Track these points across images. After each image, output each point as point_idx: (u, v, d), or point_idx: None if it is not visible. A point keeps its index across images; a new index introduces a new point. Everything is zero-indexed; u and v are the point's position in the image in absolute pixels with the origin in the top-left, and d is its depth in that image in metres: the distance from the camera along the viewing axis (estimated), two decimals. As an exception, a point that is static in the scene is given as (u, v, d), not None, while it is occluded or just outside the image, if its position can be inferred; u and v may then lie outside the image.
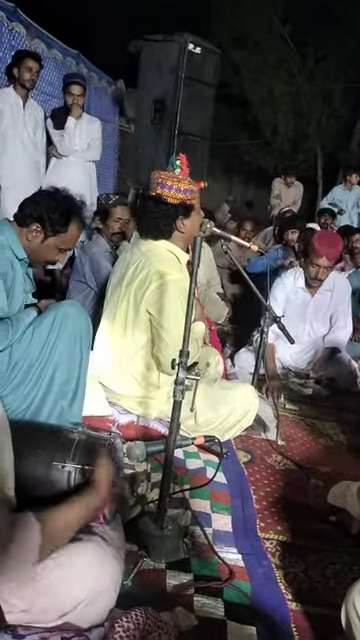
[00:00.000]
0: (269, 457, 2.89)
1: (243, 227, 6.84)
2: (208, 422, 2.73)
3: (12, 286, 2.35)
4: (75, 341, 2.39)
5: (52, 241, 2.39)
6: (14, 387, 2.33)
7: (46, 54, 6.67)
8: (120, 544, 1.72)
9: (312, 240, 3.90)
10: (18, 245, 2.36)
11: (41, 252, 2.41)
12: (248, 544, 2.12)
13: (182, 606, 1.70)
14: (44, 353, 2.35)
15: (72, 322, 2.38)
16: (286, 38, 13.15)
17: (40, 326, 2.37)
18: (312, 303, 4.10)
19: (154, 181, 2.62)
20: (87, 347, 2.46)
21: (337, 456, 3.03)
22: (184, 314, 1.84)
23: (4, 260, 2.31)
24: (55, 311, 2.41)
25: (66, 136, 4.99)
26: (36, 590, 1.40)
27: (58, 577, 1.43)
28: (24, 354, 2.34)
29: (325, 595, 1.90)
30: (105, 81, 8.89)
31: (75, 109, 4.97)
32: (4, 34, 6.06)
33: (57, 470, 1.77)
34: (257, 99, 13.63)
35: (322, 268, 3.85)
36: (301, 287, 4.08)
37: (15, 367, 2.34)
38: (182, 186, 2.58)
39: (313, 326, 4.17)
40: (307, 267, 3.96)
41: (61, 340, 2.36)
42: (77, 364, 2.41)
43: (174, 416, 1.89)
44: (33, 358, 2.35)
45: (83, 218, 2.45)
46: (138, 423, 2.77)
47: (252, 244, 3.09)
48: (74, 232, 2.42)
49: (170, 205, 2.61)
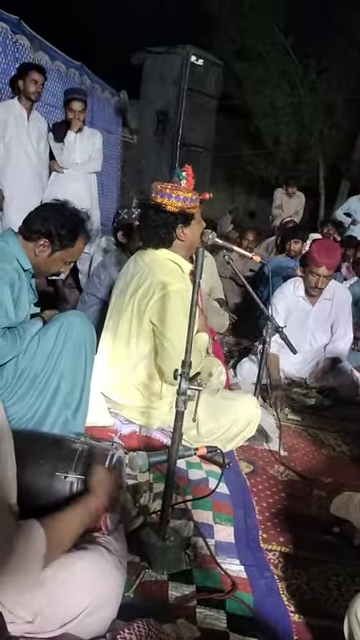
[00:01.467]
0: (271, 468, 2.88)
1: (245, 237, 6.85)
2: (210, 432, 2.72)
3: (19, 296, 2.37)
4: (80, 351, 2.40)
5: (59, 255, 2.43)
6: (19, 397, 2.34)
7: (50, 66, 6.72)
8: (122, 554, 1.71)
9: (310, 250, 3.92)
10: (24, 256, 2.38)
11: (47, 265, 2.45)
12: (250, 555, 2.11)
13: (184, 618, 1.70)
14: (49, 363, 2.36)
15: (77, 332, 2.39)
16: (288, 50, 13.26)
17: (45, 336, 2.38)
18: (313, 312, 4.11)
19: (154, 190, 2.64)
20: (91, 357, 2.47)
21: (340, 467, 3.02)
22: (187, 324, 1.85)
23: (12, 271, 2.33)
24: (60, 321, 2.42)
25: (66, 150, 5.03)
26: (39, 598, 1.40)
27: (60, 585, 1.43)
28: (30, 364, 2.35)
29: (328, 607, 1.89)
30: (108, 92, 8.94)
31: (75, 124, 5.01)
32: (8, 46, 6.12)
33: (59, 480, 1.77)
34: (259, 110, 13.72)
35: (322, 277, 3.86)
36: (301, 296, 4.08)
37: (21, 377, 2.35)
38: (181, 194, 2.60)
39: (314, 335, 4.18)
40: (307, 276, 3.97)
41: (66, 350, 2.37)
42: (82, 374, 2.42)
43: (177, 426, 1.89)
44: (39, 368, 2.36)
45: (88, 231, 2.49)
46: (140, 433, 2.77)
47: (254, 254, 3.09)
48: (80, 246, 2.47)
49: (170, 213, 2.62)
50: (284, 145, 13.95)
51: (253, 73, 13.38)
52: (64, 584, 1.43)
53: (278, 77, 13.52)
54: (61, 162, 5.09)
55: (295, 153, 14.11)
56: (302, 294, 4.08)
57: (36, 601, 1.40)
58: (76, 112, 4.98)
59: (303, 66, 13.28)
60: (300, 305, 4.10)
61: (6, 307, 2.28)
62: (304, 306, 4.10)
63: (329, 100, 13.34)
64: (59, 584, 1.43)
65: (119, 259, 3.69)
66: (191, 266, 2.73)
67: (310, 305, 4.09)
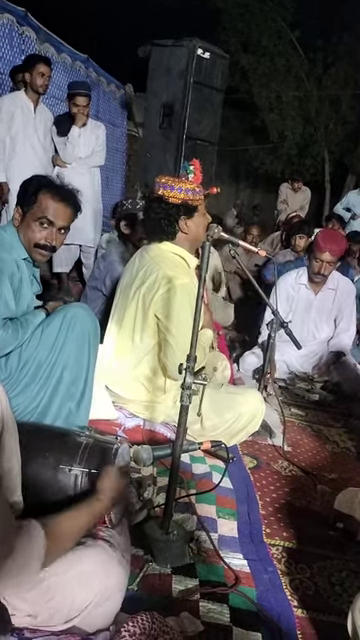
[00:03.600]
0: (275, 463, 2.89)
1: (250, 232, 6.86)
2: (214, 427, 2.72)
3: (19, 287, 2.37)
4: (83, 342, 2.41)
5: (29, 217, 2.36)
6: (23, 387, 2.36)
7: (55, 58, 6.70)
8: (126, 548, 1.72)
9: (316, 237, 3.99)
10: (19, 244, 2.38)
11: (27, 235, 2.37)
12: (254, 550, 2.11)
13: (188, 611, 1.70)
14: (53, 354, 2.38)
15: (81, 323, 2.40)
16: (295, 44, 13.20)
17: (49, 327, 2.40)
18: (316, 302, 4.13)
19: (157, 183, 2.64)
20: (95, 349, 2.47)
21: (344, 463, 3.02)
22: (192, 319, 1.84)
23: (10, 261, 2.33)
24: (64, 312, 2.43)
25: (69, 145, 5.01)
26: (41, 595, 1.40)
27: (64, 582, 1.43)
28: (33, 354, 2.37)
29: (331, 602, 1.89)
30: (114, 85, 8.93)
31: (79, 118, 5.00)
32: (14, 38, 6.10)
33: (64, 473, 1.77)
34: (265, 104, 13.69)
35: (325, 263, 3.93)
36: (304, 284, 4.12)
37: (25, 367, 2.37)
38: (184, 186, 2.59)
39: (317, 326, 4.19)
40: (311, 263, 4.03)
41: (69, 341, 2.38)
42: (85, 366, 2.43)
43: (181, 420, 1.89)
44: (42, 358, 2.37)
45: (57, 188, 2.39)
46: (144, 427, 2.77)
47: (260, 249, 3.08)
48: (46, 202, 2.35)
49: (172, 205, 2.62)
50: (290, 139, 13.91)
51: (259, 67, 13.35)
52: (68, 580, 1.43)
53: (284, 71, 13.48)
54: (64, 157, 5.09)
55: (301, 148, 14.07)
56: (305, 282, 4.11)
57: (38, 597, 1.40)
58: (80, 107, 4.97)
59: (309, 60, 13.24)
60: (302, 293, 4.13)
61: (5, 298, 2.29)
62: (307, 295, 4.13)
63: (335, 94, 13.30)
64: (63, 580, 1.43)
65: (120, 251, 3.71)
66: (197, 261, 2.73)
67: (313, 294, 4.12)
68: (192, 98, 5.10)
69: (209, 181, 4.50)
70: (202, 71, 5.13)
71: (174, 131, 5.13)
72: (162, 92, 5.24)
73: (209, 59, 5.18)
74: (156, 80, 5.27)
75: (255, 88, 13.44)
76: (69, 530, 1.49)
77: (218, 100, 5.49)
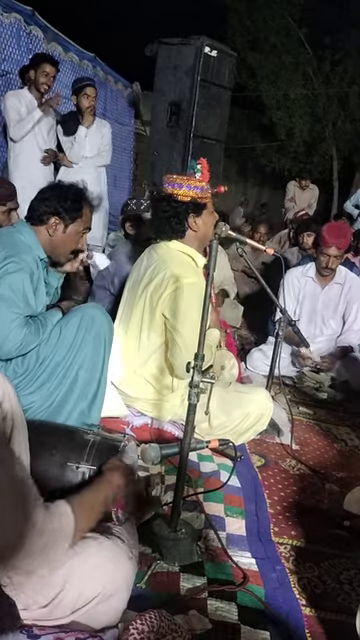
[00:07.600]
0: (283, 461, 2.88)
1: (257, 230, 6.84)
2: (222, 425, 2.72)
3: (37, 286, 2.41)
4: (100, 344, 2.44)
5: (72, 228, 2.45)
6: (40, 385, 2.39)
7: (63, 57, 6.72)
8: (133, 545, 1.72)
9: (322, 231, 4.00)
10: (38, 245, 2.41)
11: (66, 243, 2.47)
12: (262, 548, 2.11)
13: (196, 609, 1.70)
14: (71, 353, 2.41)
15: (99, 325, 2.44)
16: (302, 41, 13.15)
17: (67, 326, 2.43)
18: (322, 295, 4.13)
19: (165, 181, 2.65)
20: (109, 352, 2.51)
21: (352, 461, 3.01)
22: (199, 318, 1.84)
23: (31, 261, 2.36)
24: (81, 313, 2.46)
25: (76, 145, 5.01)
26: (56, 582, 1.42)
27: (75, 570, 1.44)
28: (51, 353, 2.40)
29: (339, 601, 1.88)
30: (121, 84, 8.93)
31: (87, 118, 4.98)
32: (22, 37, 6.12)
33: (71, 471, 1.79)
34: (273, 102, 13.65)
35: (332, 257, 3.96)
36: (311, 277, 4.14)
37: (42, 365, 2.40)
38: (192, 183, 2.60)
39: (324, 321, 4.19)
40: (318, 257, 4.06)
41: (87, 342, 2.42)
42: (100, 367, 2.46)
43: (189, 419, 1.89)
44: (59, 357, 2.40)
45: (90, 200, 2.53)
46: (152, 425, 2.77)
47: (267, 247, 3.08)
48: (88, 214, 2.50)
49: (181, 203, 2.62)
50: (297, 137, 13.87)
51: (267, 65, 13.32)
52: (79, 569, 1.45)
53: (292, 69, 13.44)
54: (70, 157, 5.08)
55: (308, 145, 14.03)
56: (312, 275, 4.14)
57: (52, 585, 1.42)
58: (91, 97, 4.94)
59: (317, 58, 13.19)
60: (310, 287, 4.15)
61: (27, 296, 2.32)
62: (314, 288, 4.15)
63: (343, 91, 13.25)
64: (74, 569, 1.44)
65: (126, 250, 3.71)
66: (205, 260, 2.73)
67: (320, 287, 4.13)
68: (199, 96, 5.10)
69: (216, 179, 4.49)
70: (209, 69, 5.13)
71: (181, 129, 5.14)
72: (169, 90, 5.24)
73: (216, 57, 5.18)
74: (163, 78, 5.28)
75: (262, 86, 13.41)
76: (90, 509, 1.52)
77: (225, 98, 5.49)
